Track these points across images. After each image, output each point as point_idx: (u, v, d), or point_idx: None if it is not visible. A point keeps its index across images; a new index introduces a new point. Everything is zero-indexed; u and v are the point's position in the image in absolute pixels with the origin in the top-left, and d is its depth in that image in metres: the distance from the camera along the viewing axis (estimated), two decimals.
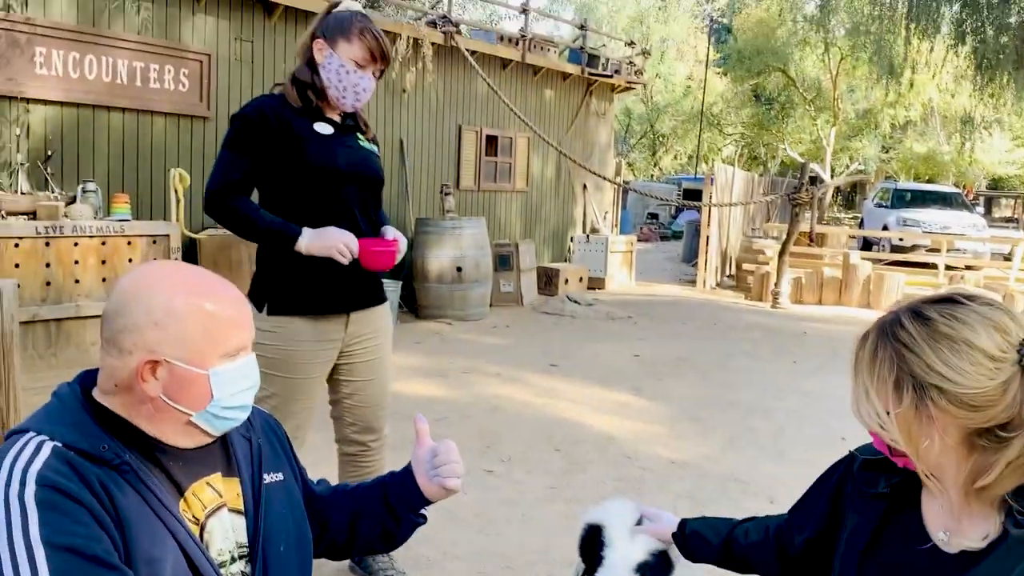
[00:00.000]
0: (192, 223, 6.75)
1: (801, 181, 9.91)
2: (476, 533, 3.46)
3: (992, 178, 31.74)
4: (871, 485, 1.34)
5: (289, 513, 1.42)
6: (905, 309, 1.20)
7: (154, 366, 1.24)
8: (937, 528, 1.23)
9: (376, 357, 2.74)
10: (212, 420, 1.30)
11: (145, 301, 1.25)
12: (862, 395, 1.20)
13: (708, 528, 1.75)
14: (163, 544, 1.20)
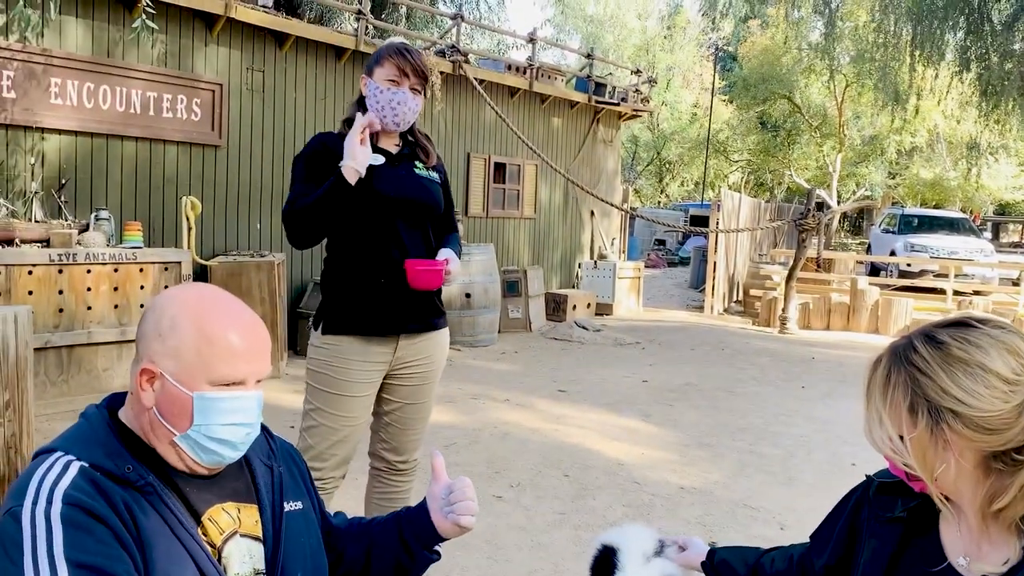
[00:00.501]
0: (203, 250, 6.81)
1: (807, 207, 9.94)
2: (486, 559, 3.46)
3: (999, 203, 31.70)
4: (888, 509, 1.34)
5: (307, 541, 1.43)
6: (918, 333, 1.20)
7: (151, 377, 1.27)
8: (956, 553, 1.23)
9: (419, 384, 2.80)
10: (195, 448, 1.28)
11: (160, 312, 1.29)
12: (875, 420, 1.20)
13: (736, 558, 1.75)
14: (183, 566, 1.21)
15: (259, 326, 1.35)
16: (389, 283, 2.63)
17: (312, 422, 2.67)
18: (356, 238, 2.65)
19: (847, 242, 30.82)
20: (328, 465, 2.66)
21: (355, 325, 2.65)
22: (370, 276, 2.64)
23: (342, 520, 1.64)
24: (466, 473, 4.48)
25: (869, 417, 1.21)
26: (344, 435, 2.67)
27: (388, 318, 2.66)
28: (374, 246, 2.62)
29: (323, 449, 2.65)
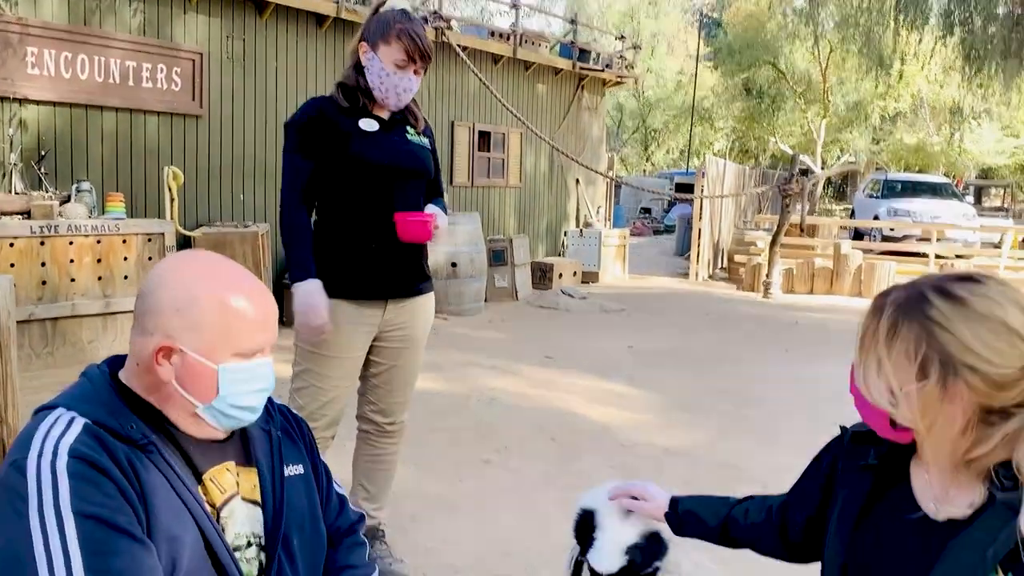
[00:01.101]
0: (187, 221, 6.77)
1: (791, 172, 9.97)
2: (474, 520, 3.50)
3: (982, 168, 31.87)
4: (860, 458, 1.37)
5: (307, 506, 1.45)
6: (927, 286, 1.19)
7: (169, 352, 1.27)
8: (927, 499, 1.26)
9: (405, 346, 2.84)
10: (218, 416, 1.31)
11: (172, 285, 1.28)
12: (873, 371, 1.19)
13: (704, 507, 1.74)
14: (183, 523, 1.23)
15: (268, 295, 1.37)
16: (380, 248, 2.65)
17: (302, 383, 2.73)
18: (349, 204, 2.67)
19: (831, 208, 30.94)
20: (318, 426, 2.70)
21: (346, 289, 2.67)
22: (362, 241, 2.66)
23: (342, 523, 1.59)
24: (454, 439, 4.53)
25: (865, 367, 1.20)
26: (333, 396, 2.71)
27: (378, 282, 2.70)
28: (367, 212, 2.64)
29: (313, 410, 2.69)
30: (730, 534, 1.70)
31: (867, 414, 1.26)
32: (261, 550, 1.36)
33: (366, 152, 2.61)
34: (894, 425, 1.21)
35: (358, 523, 1.63)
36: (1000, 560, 1.12)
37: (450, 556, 3.16)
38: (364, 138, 2.62)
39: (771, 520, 1.62)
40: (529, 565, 3.12)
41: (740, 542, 1.71)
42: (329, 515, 1.55)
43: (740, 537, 1.69)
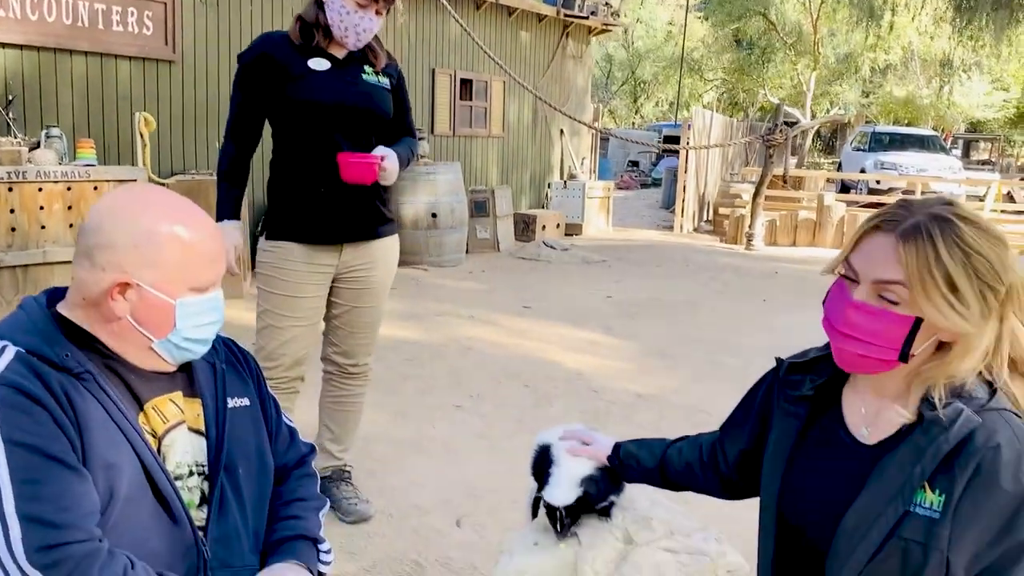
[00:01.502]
0: (160, 169, 6.68)
1: (775, 122, 9.91)
2: (443, 463, 3.53)
3: (971, 121, 31.77)
4: (796, 388, 1.38)
5: (253, 438, 1.45)
6: (943, 211, 1.17)
7: (124, 287, 1.25)
8: (859, 424, 1.27)
9: (365, 288, 2.83)
10: (172, 349, 1.31)
11: (128, 221, 1.26)
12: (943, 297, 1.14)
13: (643, 450, 1.77)
14: (120, 451, 1.23)
15: (217, 229, 1.38)
16: (330, 191, 2.62)
17: (262, 323, 2.75)
18: (295, 147, 2.65)
19: (819, 161, 30.85)
20: (279, 365, 2.70)
21: (297, 232, 2.67)
22: (310, 185, 2.64)
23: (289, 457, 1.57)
24: (427, 386, 4.54)
25: (930, 295, 1.13)
26: (292, 335, 2.71)
27: (330, 226, 2.68)
28: (313, 155, 2.61)
29: (272, 349, 2.70)
30: (668, 475, 1.73)
31: (867, 352, 1.19)
32: (204, 479, 1.36)
33: (310, 92, 2.56)
34: (904, 357, 1.17)
35: (309, 455, 1.63)
36: (928, 477, 1.13)
37: (416, 497, 3.18)
38: (310, 78, 2.57)
39: (703, 458, 1.64)
40: (495, 506, 3.15)
41: (678, 483, 1.73)
42: (279, 448, 1.55)
43: (676, 478, 1.72)
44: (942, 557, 1.10)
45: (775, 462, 1.38)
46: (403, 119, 2.87)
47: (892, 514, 1.14)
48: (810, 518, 1.30)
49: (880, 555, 1.15)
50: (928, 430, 1.14)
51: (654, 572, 1.97)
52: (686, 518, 2.15)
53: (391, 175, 2.63)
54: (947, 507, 1.11)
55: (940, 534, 1.10)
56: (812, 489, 1.31)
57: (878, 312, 1.18)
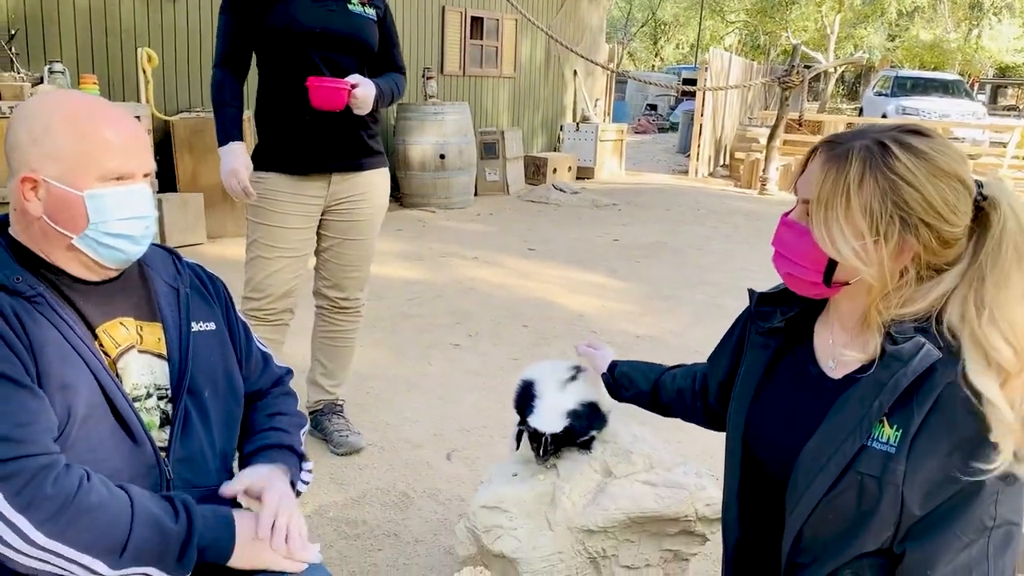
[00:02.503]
0: (166, 106, 6.64)
1: (792, 63, 9.69)
2: (437, 400, 3.55)
3: (999, 66, 30.96)
4: (766, 320, 1.36)
5: (220, 361, 1.45)
6: (886, 137, 1.13)
7: (34, 185, 1.24)
8: (826, 357, 1.26)
9: (355, 220, 2.83)
10: (94, 246, 1.29)
11: (28, 118, 1.26)
12: (839, 221, 1.12)
13: (638, 372, 1.78)
14: (76, 372, 1.23)
15: (134, 122, 1.34)
16: (315, 120, 2.60)
17: (251, 254, 2.76)
18: (280, 75, 2.63)
19: (841, 107, 30.27)
20: (267, 296, 2.71)
21: (283, 163, 2.67)
22: (295, 113, 2.61)
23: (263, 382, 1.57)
24: (427, 325, 4.56)
25: (827, 218, 1.12)
26: (280, 266, 2.71)
27: (314, 156, 2.67)
28: (297, 83, 2.57)
29: (260, 279, 2.71)
30: (659, 399, 1.74)
31: (792, 270, 1.21)
32: (167, 401, 1.36)
33: (296, 18, 2.54)
34: (828, 282, 1.17)
35: (285, 376, 1.64)
36: (886, 412, 1.11)
37: (408, 431, 3.21)
38: (296, 3, 2.54)
39: (695, 386, 1.65)
40: (486, 441, 3.17)
41: (668, 408, 1.75)
42: (252, 372, 1.56)
43: (667, 403, 1.73)
44: (897, 492, 1.09)
45: (742, 394, 1.38)
46: (388, 52, 2.82)
47: (849, 448, 1.13)
48: (772, 450, 1.30)
49: (836, 488, 1.14)
50: (888, 364, 1.12)
51: (631, 503, 1.99)
52: (667, 453, 2.16)
53: (364, 104, 2.59)
54: (903, 442, 1.09)
55: (895, 469, 1.09)
56: (775, 422, 1.31)
57: (801, 230, 1.18)
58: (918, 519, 1.09)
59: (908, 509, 1.09)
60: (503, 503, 2.03)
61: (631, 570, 2.04)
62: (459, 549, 2.06)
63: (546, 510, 2.02)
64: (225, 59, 2.62)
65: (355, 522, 2.56)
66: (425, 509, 2.66)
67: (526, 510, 2.03)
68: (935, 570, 1.08)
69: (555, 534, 1.97)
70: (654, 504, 1.99)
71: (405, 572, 2.34)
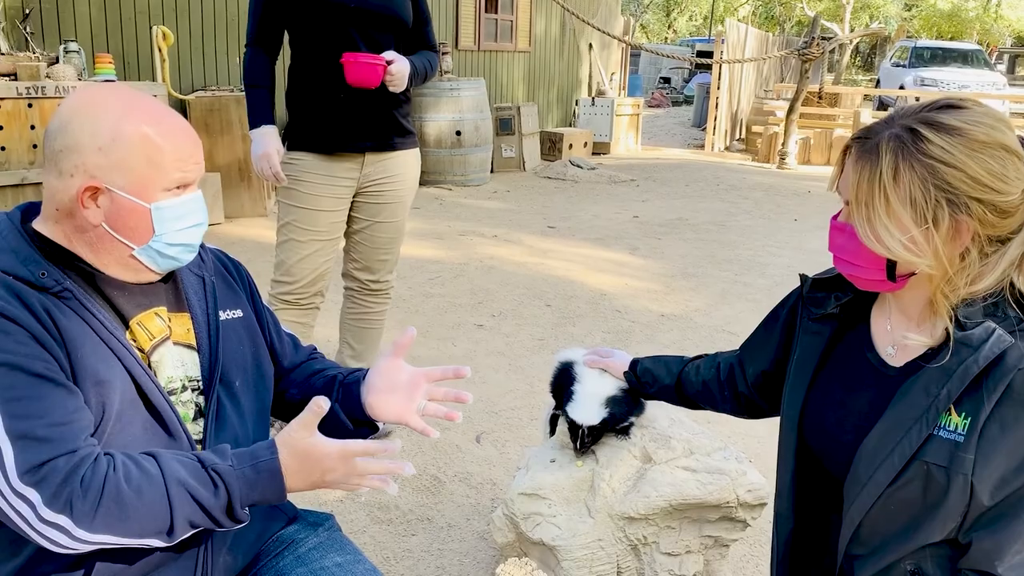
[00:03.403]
0: (181, 85, 6.60)
1: (811, 35, 9.53)
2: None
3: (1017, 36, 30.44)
4: (820, 306, 1.31)
5: (248, 349, 1.42)
6: (914, 121, 1.08)
7: (95, 193, 1.20)
8: (885, 344, 1.22)
9: (386, 202, 2.80)
10: (155, 257, 1.26)
11: (91, 121, 1.19)
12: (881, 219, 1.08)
13: (660, 366, 1.73)
14: (110, 367, 1.19)
15: (192, 129, 1.31)
16: (349, 99, 2.56)
17: (283, 237, 2.73)
18: (315, 52, 2.59)
19: (857, 78, 29.88)
20: (299, 280, 2.69)
21: (316, 142, 2.63)
22: (329, 92, 2.57)
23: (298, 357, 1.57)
24: (449, 305, 4.53)
25: (870, 217, 1.09)
26: (313, 250, 2.68)
27: (348, 135, 2.63)
28: (333, 61, 2.53)
29: (293, 263, 2.68)
30: (685, 392, 1.70)
31: (855, 272, 1.17)
32: (199, 393, 1.34)
33: None
34: (892, 277, 1.12)
35: (314, 351, 1.63)
36: (955, 400, 1.07)
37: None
38: None
39: (719, 376, 1.61)
40: (515, 423, 3.15)
41: (694, 400, 1.70)
42: (284, 354, 1.54)
43: (694, 395, 1.69)
44: (966, 482, 1.06)
45: (797, 382, 1.33)
46: (422, 30, 2.77)
47: (915, 437, 1.09)
48: (830, 440, 1.26)
49: (901, 479, 1.11)
50: (957, 351, 1.08)
51: (672, 490, 1.96)
52: (706, 437, 2.12)
53: (399, 80, 2.55)
54: (972, 430, 1.06)
55: (964, 458, 1.06)
56: (832, 410, 1.26)
57: (852, 231, 1.14)
58: (987, 508, 1.06)
59: (977, 499, 1.06)
60: (541, 490, 2.00)
61: (672, 557, 2.01)
62: (496, 536, 2.04)
63: (585, 497, 2.00)
64: (257, 37, 2.58)
65: (387, 507, 2.55)
66: (457, 493, 2.64)
67: (565, 497, 2.00)
68: (1002, 559, 1.05)
69: (595, 521, 1.94)
70: (696, 491, 1.96)
71: (440, 557, 2.32)
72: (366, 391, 1.45)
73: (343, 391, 1.48)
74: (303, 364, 1.57)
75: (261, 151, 2.53)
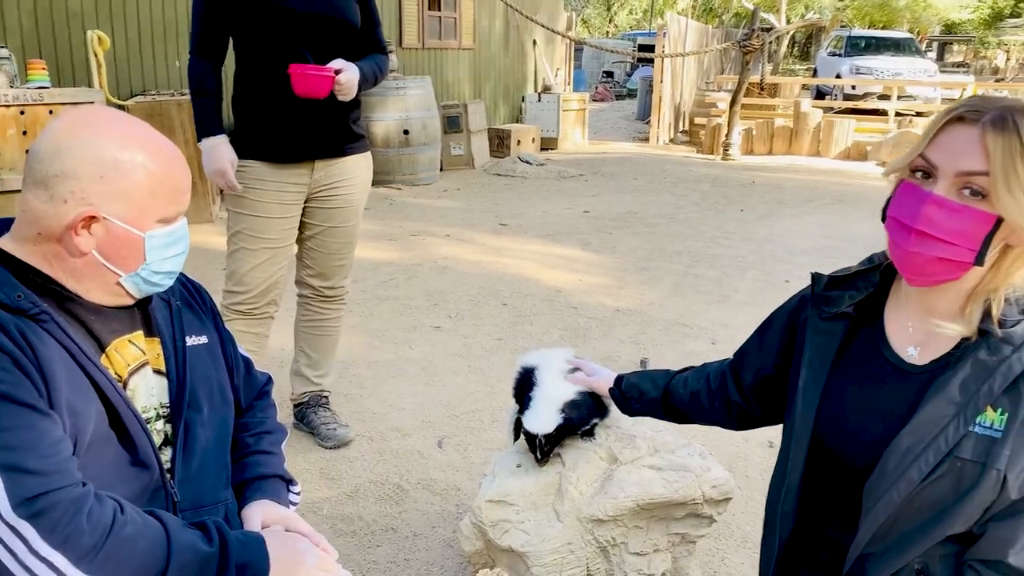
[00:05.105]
0: (119, 90, 6.42)
1: (751, 27, 9.68)
2: (422, 385, 3.50)
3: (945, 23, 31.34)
4: (833, 305, 1.29)
5: (214, 375, 1.39)
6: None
7: (90, 221, 1.16)
8: (904, 343, 1.21)
9: (338, 207, 2.76)
10: (140, 283, 1.25)
11: (93, 149, 1.16)
12: (1021, 188, 1.07)
13: (647, 381, 1.69)
14: (86, 397, 1.15)
15: (178, 150, 1.29)
16: (296, 107, 2.51)
17: (234, 246, 2.67)
18: (262, 59, 2.53)
19: (795, 68, 30.44)
20: (252, 290, 2.63)
21: (265, 151, 2.58)
22: (277, 100, 2.52)
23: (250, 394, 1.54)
24: (404, 307, 4.49)
25: (1011, 186, 1.07)
26: (264, 258, 2.63)
27: (297, 143, 2.58)
28: (281, 68, 2.48)
29: (244, 272, 2.63)
30: (672, 404, 1.64)
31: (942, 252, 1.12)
32: (167, 421, 1.30)
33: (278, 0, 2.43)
34: (981, 260, 1.10)
35: (267, 384, 1.60)
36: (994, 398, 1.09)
37: (396, 420, 3.16)
38: None
39: (710, 386, 1.56)
40: (476, 425, 3.13)
41: (683, 414, 1.65)
42: (238, 381, 1.51)
43: (682, 408, 1.63)
44: (999, 476, 1.08)
45: (811, 385, 1.29)
46: (372, 33, 2.73)
47: (952, 434, 1.10)
48: (850, 439, 1.24)
49: (933, 475, 1.11)
50: (997, 348, 1.10)
51: (639, 489, 1.97)
52: (670, 435, 2.14)
53: (348, 90, 2.51)
54: (1010, 426, 1.08)
55: (1000, 453, 1.08)
56: (855, 411, 1.24)
57: (960, 208, 1.09)
58: (1013, 501, 1.09)
59: (1006, 493, 1.08)
60: (509, 496, 1.99)
61: (640, 556, 2.02)
62: (465, 545, 2.02)
63: (553, 501, 1.99)
64: (201, 44, 2.51)
65: (351, 518, 2.51)
66: (421, 501, 2.62)
67: (532, 502, 2.00)
68: (1016, 548, 1.08)
69: (564, 525, 1.94)
70: (662, 489, 1.97)
71: (406, 568, 2.30)
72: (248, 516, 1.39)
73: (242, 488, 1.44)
74: (247, 414, 1.52)
75: (215, 166, 2.46)
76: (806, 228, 6.59)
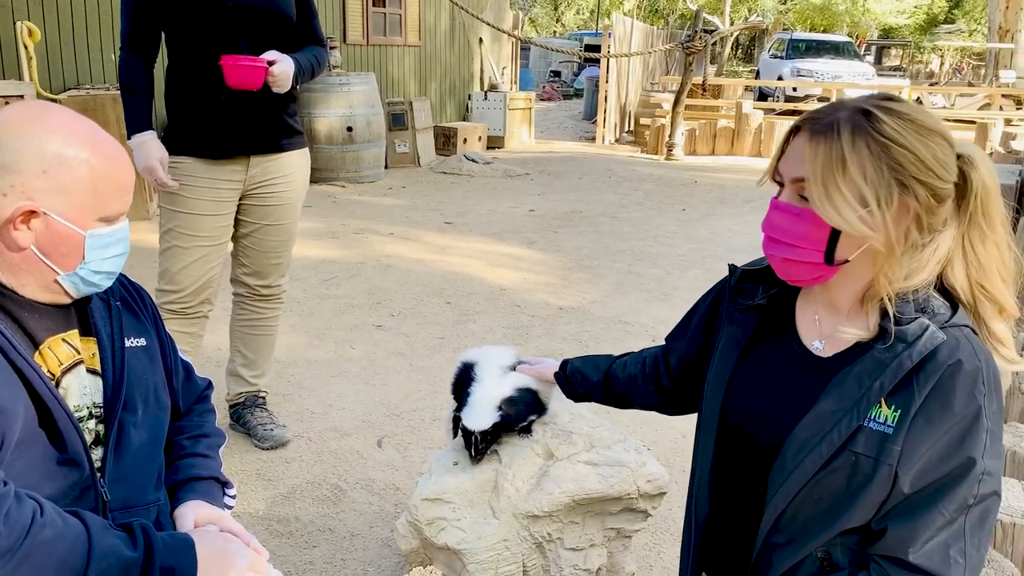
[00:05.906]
0: (51, 84, 6.23)
1: (694, 29, 9.81)
2: (363, 384, 3.47)
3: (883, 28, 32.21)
4: (747, 297, 1.32)
5: (151, 378, 1.38)
6: (867, 105, 1.12)
7: (30, 216, 1.14)
8: (812, 336, 1.23)
9: (275, 204, 2.71)
10: (78, 283, 1.23)
11: (35, 143, 1.14)
12: (839, 194, 1.10)
13: (589, 365, 1.72)
14: (15, 394, 1.13)
15: (123, 149, 1.27)
16: (231, 100, 2.46)
17: (166, 244, 2.63)
18: (193, 53, 2.48)
19: (738, 70, 30.97)
20: (184, 288, 2.58)
21: (198, 146, 2.53)
22: (210, 94, 2.47)
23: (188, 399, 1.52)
24: (346, 306, 4.45)
25: (828, 192, 1.10)
26: (197, 256, 2.59)
27: (231, 139, 2.54)
28: (213, 62, 2.43)
29: (177, 271, 2.58)
30: (613, 389, 1.67)
31: (790, 254, 1.16)
32: (99, 421, 1.28)
33: None
34: (831, 260, 1.13)
35: (207, 390, 1.59)
36: (887, 393, 1.11)
37: (336, 420, 3.13)
38: None
39: (645, 370, 1.60)
40: (416, 424, 3.12)
41: (623, 398, 1.67)
42: (177, 385, 1.49)
43: (621, 392, 1.66)
44: (890, 471, 1.09)
45: (720, 370, 1.33)
46: (308, 24, 2.69)
47: (845, 428, 1.12)
48: (756, 428, 1.27)
49: (827, 468, 1.13)
50: (891, 345, 1.11)
51: (574, 485, 1.98)
52: (607, 430, 2.15)
53: (283, 81, 2.47)
54: (901, 423, 1.09)
55: (891, 449, 1.09)
56: (760, 400, 1.27)
57: (799, 212, 1.14)
58: (904, 497, 1.10)
59: (898, 488, 1.09)
60: (445, 494, 1.99)
61: (576, 552, 2.04)
62: (401, 544, 2.01)
63: (489, 498, 1.99)
64: (131, 39, 2.46)
65: (287, 519, 2.48)
66: (359, 501, 2.60)
67: (469, 500, 2.00)
68: (915, 546, 1.09)
69: (500, 522, 1.94)
70: (598, 484, 1.99)
71: (343, 568, 2.28)
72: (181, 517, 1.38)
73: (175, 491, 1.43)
74: (184, 418, 1.51)
75: (144, 164, 2.41)
76: (746, 227, 6.71)
